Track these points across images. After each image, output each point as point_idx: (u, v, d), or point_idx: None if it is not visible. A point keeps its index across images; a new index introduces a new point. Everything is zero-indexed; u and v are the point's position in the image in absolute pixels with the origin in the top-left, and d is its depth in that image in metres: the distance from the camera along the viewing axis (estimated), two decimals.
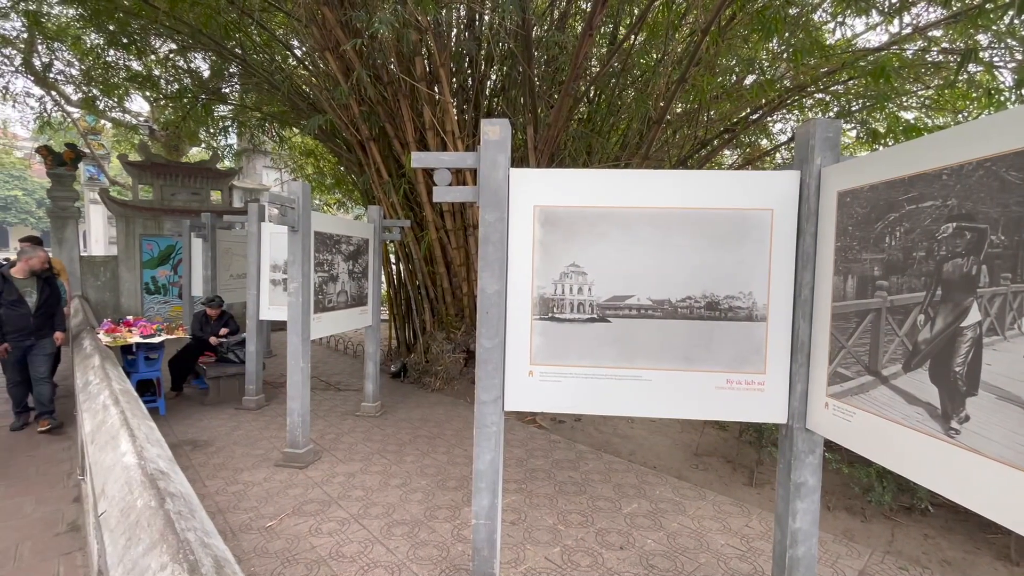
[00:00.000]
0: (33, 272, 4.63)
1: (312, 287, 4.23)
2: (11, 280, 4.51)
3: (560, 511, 3.41)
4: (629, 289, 2.06)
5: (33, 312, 4.57)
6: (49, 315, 4.72)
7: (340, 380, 7.00)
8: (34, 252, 4.69)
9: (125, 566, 1.29)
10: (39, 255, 4.70)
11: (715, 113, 6.98)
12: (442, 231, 6.83)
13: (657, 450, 4.70)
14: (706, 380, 2.05)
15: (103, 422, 2.37)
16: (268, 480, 3.77)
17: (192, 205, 9.34)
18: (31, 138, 23.36)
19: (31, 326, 4.54)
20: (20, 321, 4.48)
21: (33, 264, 4.62)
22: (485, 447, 2.13)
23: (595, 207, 2.05)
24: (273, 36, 7.66)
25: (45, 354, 4.69)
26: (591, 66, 7.08)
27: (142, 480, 1.62)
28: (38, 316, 4.60)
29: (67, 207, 8.61)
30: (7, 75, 9.70)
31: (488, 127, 2.06)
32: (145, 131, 13.23)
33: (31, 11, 6.92)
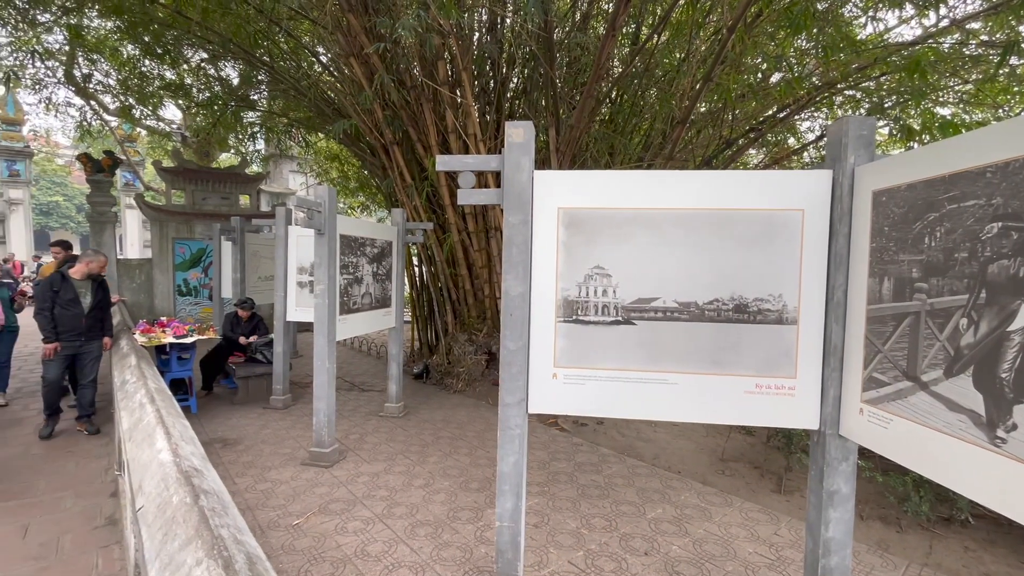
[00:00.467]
0: (90, 275, 4.67)
1: (338, 289, 4.30)
2: (70, 280, 4.55)
3: (583, 515, 3.39)
4: (655, 291, 2.04)
5: (86, 313, 4.60)
6: (99, 318, 4.76)
7: (364, 381, 7.09)
8: (95, 256, 4.77)
9: (162, 560, 1.33)
10: (99, 259, 4.76)
11: (740, 112, 6.85)
12: (464, 233, 6.87)
13: (681, 454, 4.63)
14: (734, 384, 2.01)
15: (140, 420, 2.45)
16: (295, 478, 3.84)
17: (222, 209, 9.60)
18: (71, 146, 24.38)
19: (83, 327, 4.57)
20: (73, 322, 4.51)
21: (92, 267, 4.67)
22: (509, 449, 2.13)
23: (620, 208, 2.04)
24: (299, 43, 7.84)
25: (93, 357, 4.73)
26: (613, 67, 7.04)
27: (177, 477, 1.67)
28: (90, 318, 4.63)
29: (105, 212, 8.95)
30: (50, 87, 10.15)
31: (512, 130, 2.07)
32: (178, 138, 13.67)
33: (73, 25, 7.22)
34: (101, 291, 4.77)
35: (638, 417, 2.13)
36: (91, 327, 4.67)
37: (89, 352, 4.69)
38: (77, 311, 4.54)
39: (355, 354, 9.03)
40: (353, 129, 6.94)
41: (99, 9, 7.16)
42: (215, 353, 5.99)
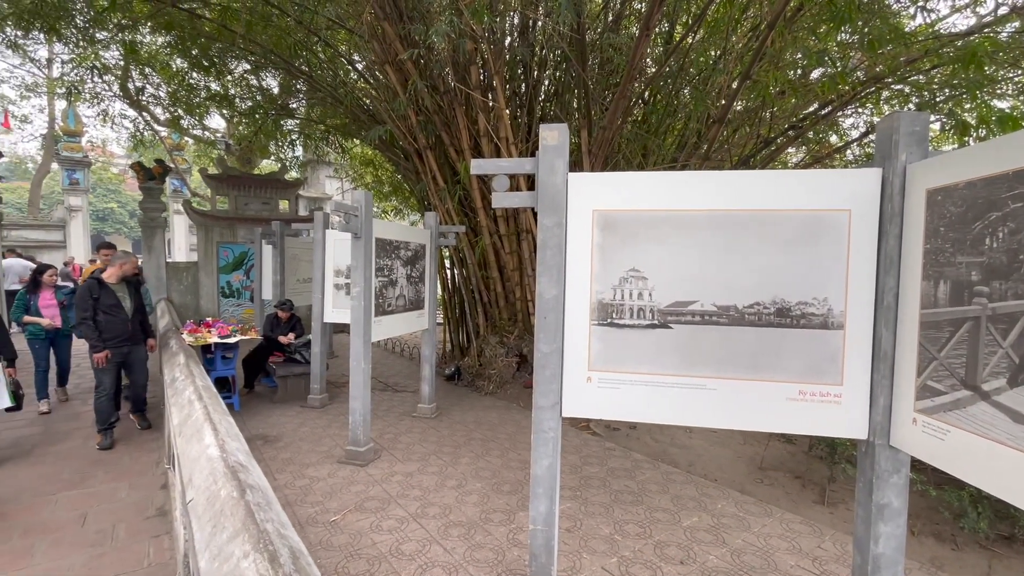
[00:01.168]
0: (124, 278, 4.60)
1: (373, 291, 4.39)
2: (107, 286, 4.46)
3: (616, 520, 3.34)
4: (692, 294, 2.00)
5: (129, 318, 4.56)
6: (141, 322, 4.74)
7: (397, 381, 7.21)
8: (126, 257, 4.68)
9: (212, 551, 1.39)
10: (131, 260, 4.66)
11: (778, 110, 6.65)
12: (495, 236, 6.90)
13: (718, 462, 4.51)
14: (776, 391, 1.95)
15: (188, 416, 2.56)
16: (332, 476, 3.94)
17: (263, 214, 9.95)
18: (125, 155, 25.79)
19: (128, 332, 4.53)
20: (119, 327, 4.44)
21: (126, 269, 4.58)
22: (543, 452, 2.12)
23: (656, 210, 2.01)
24: (337, 52, 8.06)
25: (142, 360, 4.73)
26: (646, 67, 6.95)
27: (224, 471, 1.74)
28: (134, 322, 4.60)
29: (155, 217, 9.42)
30: (107, 100, 10.77)
31: (546, 132, 2.07)
32: (222, 146, 14.27)
33: (128, 41, 7.65)
34: (139, 294, 4.76)
35: (674, 423, 2.09)
36: (136, 331, 4.65)
37: (137, 356, 4.70)
38: (121, 316, 4.47)
39: (388, 355, 9.20)
40: (388, 135, 7.08)
41: (152, 25, 7.57)
42: (256, 353, 6.21)
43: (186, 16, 6.91)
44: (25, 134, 21.73)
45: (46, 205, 21.72)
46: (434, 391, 5.68)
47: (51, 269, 5.53)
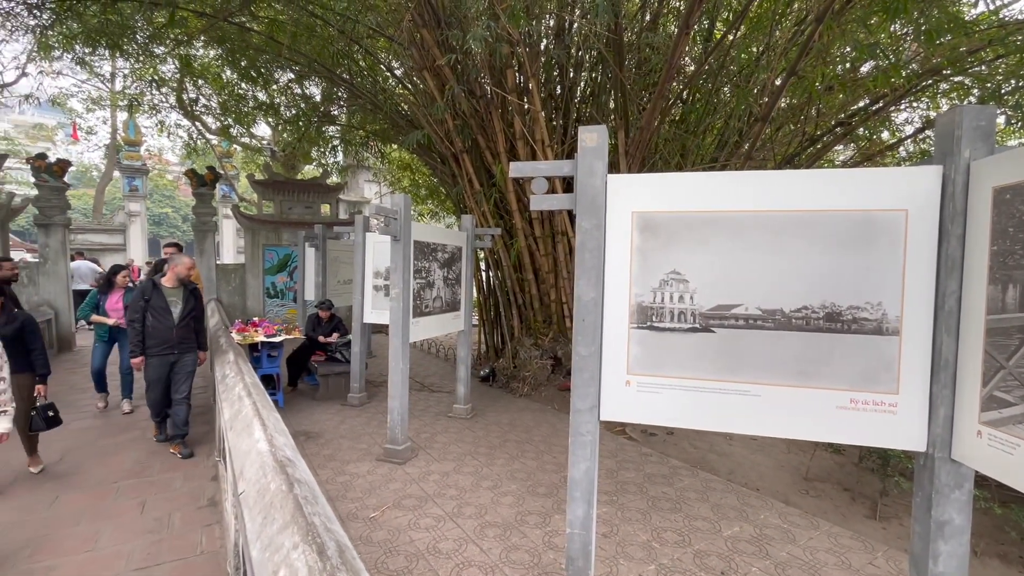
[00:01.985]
0: (180, 280, 4.42)
1: (411, 293, 4.48)
2: (160, 288, 4.29)
3: (654, 527, 3.29)
4: (736, 298, 1.95)
5: (176, 324, 4.28)
6: (193, 329, 4.47)
7: (433, 382, 7.32)
8: (179, 258, 4.50)
9: (263, 541, 1.45)
10: (184, 261, 4.47)
11: (825, 106, 6.39)
12: (530, 238, 6.92)
13: (760, 470, 4.37)
14: (825, 398, 1.87)
15: (239, 411, 2.68)
16: (371, 473, 4.03)
17: (306, 217, 10.31)
18: (179, 163, 27.25)
19: (174, 340, 4.26)
20: (164, 333, 4.22)
21: (179, 271, 4.40)
22: (580, 456, 2.11)
23: (698, 212, 1.97)
24: (376, 60, 8.28)
25: (187, 372, 4.39)
26: (685, 65, 6.82)
27: (273, 465, 1.81)
28: (180, 328, 4.31)
29: (207, 221, 9.91)
30: (163, 111, 11.42)
31: (585, 134, 2.06)
32: (268, 153, 14.87)
33: (183, 55, 8.09)
34: (193, 299, 4.48)
35: (716, 429, 2.04)
36: (183, 339, 4.34)
37: (182, 366, 4.37)
38: (167, 322, 4.24)
39: (425, 356, 9.34)
40: (425, 139, 7.22)
41: (205, 39, 7.98)
42: (300, 352, 6.43)
43: (236, 29, 7.25)
44: (90, 145, 23.32)
45: (108, 210, 23.20)
46: (469, 392, 5.73)
47: (124, 271, 5.55)
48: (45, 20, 6.71)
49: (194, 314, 4.47)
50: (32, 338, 3.66)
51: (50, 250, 8.69)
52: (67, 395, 5.92)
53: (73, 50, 8.08)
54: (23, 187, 20.43)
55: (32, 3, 6.27)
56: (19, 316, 3.64)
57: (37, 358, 3.70)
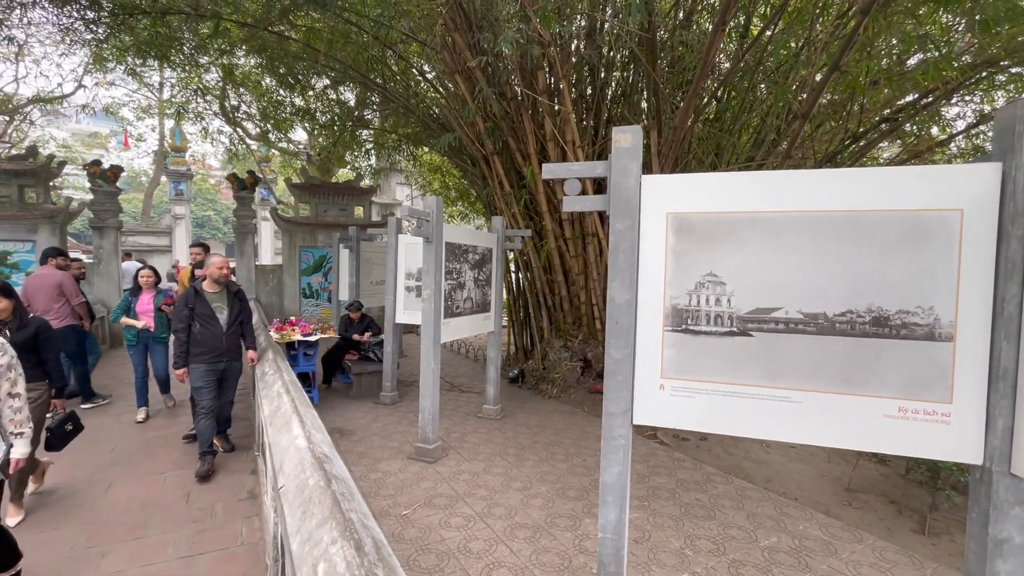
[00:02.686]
0: (217, 282, 4.12)
1: (443, 294, 4.53)
2: (203, 295, 4.05)
3: (687, 535, 3.22)
4: (775, 301, 1.89)
5: (224, 331, 4.06)
6: (241, 334, 4.26)
7: (462, 382, 7.37)
8: (209, 259, 4.22)
9: (302, 535, 1.49)
10: (213, 261, 4.14)
11: (869, 102, 6.14)
12: (560, 240, 6.89)
13: (798, 479, 4.23)
14: (871, 406, 1.79)
15: (278, 408, 2.77)
16: (402, 471, 4.09)
17: (340, 219, 10.56)
18: (220, 167, 28.35)
19: (223, 347, 4.04)
20: (213, 341, 3.99)
21: (212, 273, 4.09)
22: (613, 460, 2.09)
23: (736, 212, 1.92)
24: (409, 64, 8.42)
25: (236, 376, 4.31)
26: (720, 62, 6.68)
27: (312, 461, 1.86)
28: (230, 335, 4.10)
29: (247, 224, 10.27)
30: (207, 118, 11.91)
31: (619, 134, 2.04)
32: (304, 157, 15.31)
33: (226, 64, 8.42)
34: (239, 302, 4.25)
35: (754, 436, 1.98)
36: (233, 344, 4.15)
37: (232, 372, 4.23)
38: (215, 330, 4.01)
39: (454, 356, 9.42)
40: (456, 141, 7.29)
41: (246, 49, 8.28)
42: (334, 351, 6.59)
43: (275, 38, 7.50)
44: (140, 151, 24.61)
45: (156, 213, 24.35)
46: (499, 393, 5.75)
47: (144, 270, 5.32)
48: (100, 34, 7.10)
49: (242, 318, 4.25)
50: (47, 346, 3.30)
51: (104, 251, 9.17)
52: (118, 388, 6.24)
53: (125, 62, 8.53)
54: (79, 192, 21.67)
55: (89, 18, 6.64)
56: (33, 322, 3.30)
57: (52, 368, 3.32)
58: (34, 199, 8.21)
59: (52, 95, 15.45)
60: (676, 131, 5.51)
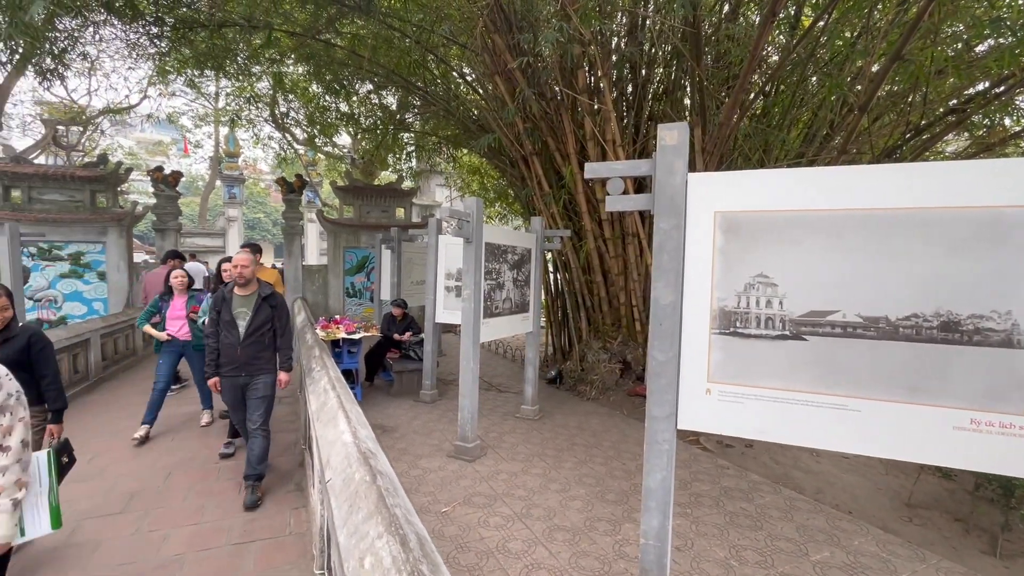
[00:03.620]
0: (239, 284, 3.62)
1: (482, 294, 4.56)
2: (229, 299, 3.63)
3: (732, 545, 3.11)
4: (832, 303, 1.80)
5: (240, 340, 3.55)
6: (264, 345, 3.65)
7: (500, 382, 7.40)
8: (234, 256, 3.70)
9: (349, 528, 1.53)
10: (239, 259, 3.60)
11: (933, 92, 5.76)
12: (600, 240, 6.82)
13: (852, 492, 4.02)
14: (940, 417, 1.68)
15: (324, 403, 2.86)
16: (442, 469, 4.15)
17: (382, 221, 10.82)
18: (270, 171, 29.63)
19: (238, 358, 3.56)
20: (228, 351, 3.59)
21: (233, 274, 3.62)
22: (656, 465, 2.04)
23: (789, 211, 1.84)
24: (449, 67, 8.54)
25: (259, 396, 3.62)
26: (768, 55, 6.43)
27: (358, 456, 1.91)
28: (246, 346, 3.56)
29: (295, 225, 10.68)
30: (258, 125, 12.48)
31: (665, 132, 2.00)
32: (348, 160, 15.78)
33: (276, 73, 8.79)
34: (269, 308, 3.66)
35: (807, 445, 1.89)
36: (252, 357, 3.59)
37: (253, 390, 3.63)
38: (230, 338, 3.58)
39: (492, 356, 9.48)
40: (495, 142, 7.33)
41: (294, 57, 8.63)
42: (377, 349, 6.76)
43: (322, 46, 7.77)
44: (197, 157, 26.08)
45: (211, 216, 25.70)
46: (537, 393, 5.74)
47: (177, 271, 4.97)
48: (163, 47, 7.55)
49: (269, 327, 3.66)
50: (42, 359, 2.70)
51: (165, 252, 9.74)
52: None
53: (185, 73, 9.04)
54: (143, 196, 23.18)
55: (153, 33, 7.07)
56: (23, 332, 2.69)
57: (50, 387, 2.74)
58: (104, 203, 8.81)
59: (120, 106, 16.56)
60: (721, 128, 5.34)
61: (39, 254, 8.30)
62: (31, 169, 8.31)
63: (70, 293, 8.53)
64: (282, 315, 3.75)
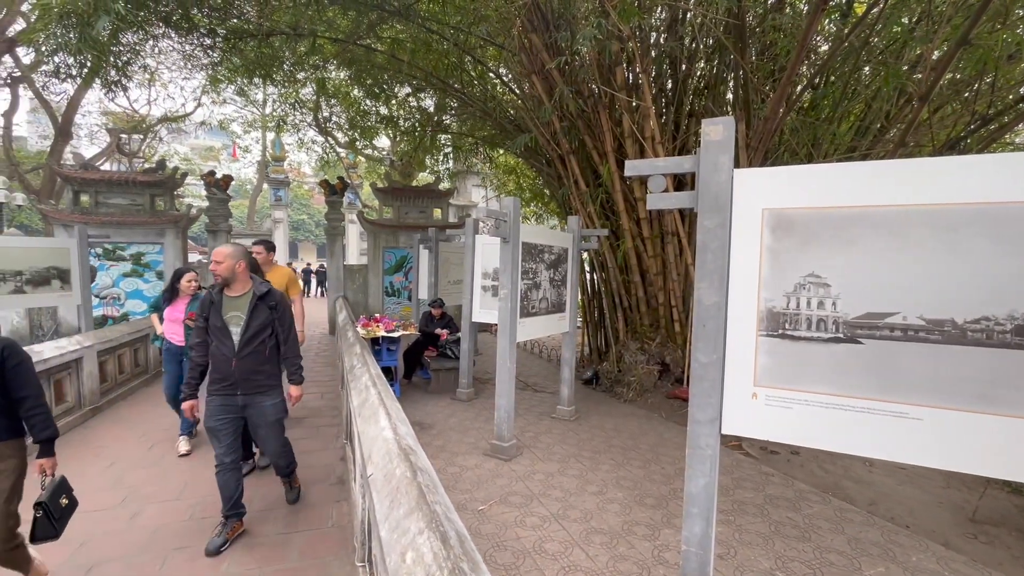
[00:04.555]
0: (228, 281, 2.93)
1: (519, 293, 4.56)
2: (218, 303, 2.94)
3: (778, 555, 2.99)
4: (891, 305, 1.70)
5: (235, 351, 2.86)
6: (266, 358, 2.97)
7: (536, 382, 7.39)
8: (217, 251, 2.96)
9: (391, 523, 1.56)
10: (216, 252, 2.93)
11: (1003, 79, 5.36)
12: (638, 239, 6.70)
13: (909, 505, 3.79)
14: (1012, 428, 1.55)
15: (366, 400, 2.93)
16: (479, 467, 4.17)
17: (420, 221, 10.99)
18: (313, 174, 30.64)
19: (233, 374, 2.88)
20: (220, 365, 2.91)
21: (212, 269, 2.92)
22: (699, 470, 1.99)
23: (844, 207, 1.75)
24: (486, 68, 8.59)
25: (266, 424, 3.01)
26: (817, 45, 6.16)
27: (398, 452, 1.94)
28: (243, 357, 2.88)
29: (336, 226, 11.00)
30: (303, 129, 12.93)
31: (709, 127, 1.94)
32: (387, 162, 16.13)
33: (319, 79, 9.09)
34: (266, 310, 2.96)
35: (862, 454, 1.79)
36: (251, 372, 2.91)
37: (259, 414, 2.99)
38: (223, 349, 2.88)
39: (528, 356, 9.47)
40: (532, 142, 7.33)
41: (336, 63, 8.89)
42: (415, 347, 6.88)
43: (363, 51, 7.97)
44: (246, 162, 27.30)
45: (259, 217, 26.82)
46: (573, 394, 5.69)
47: (189, 274, 4.40)
48: (215, 57, 7.93)
49: (270, 333, 2.98)
50: (18, 378, 2.15)
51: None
52: None
53: (235, 81, 9.47)
54: (197, 199, 24.41)
55: (207, 44, 7.44)
56: None
57: (31, 411, 2.18)
58: (162, 207, 9.33)
59: (176, 114, 17.51)
60: (767, 122, 5.15)
61: (104, 254, 8.86)
62: (98, 175, 8.89)
63: (131, 291, 9.07)
64: (285, 317, 3.05)
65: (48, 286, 5.91)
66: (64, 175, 8.75)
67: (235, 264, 2.94)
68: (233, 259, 2.94)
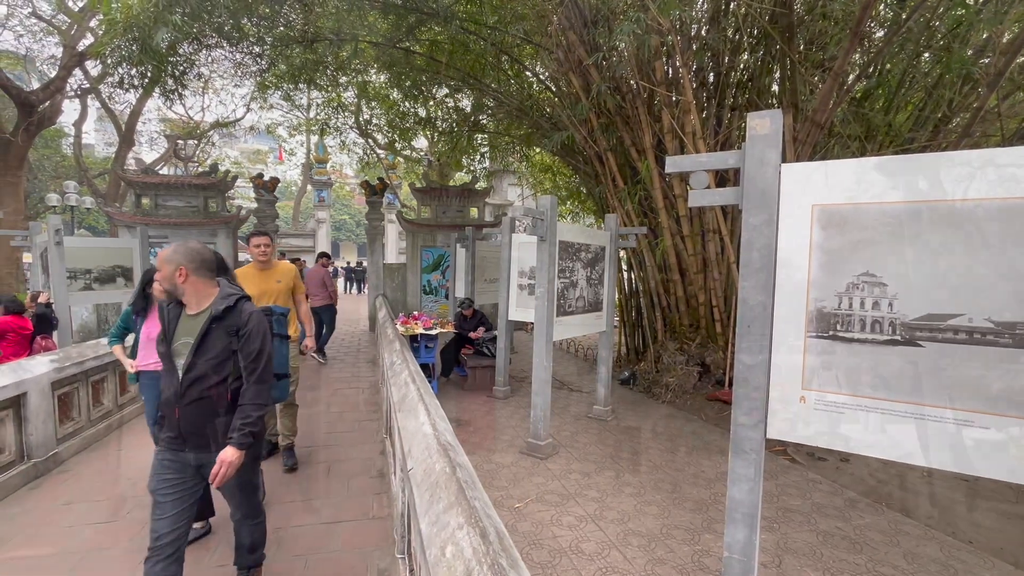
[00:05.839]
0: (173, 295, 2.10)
1: (555, 292, 4.55)
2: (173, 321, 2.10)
3: (826, 567, 2.87)
4: (953, 306, 1.60)
5: (179, 388, 2.01)
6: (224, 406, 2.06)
7: (572, 381, 7.35)
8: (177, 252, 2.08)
9: (430, 517, 1.59)
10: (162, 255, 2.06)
11: None
12: (677, 237, 6.55)
13: (973, 519, 3.55)
14: None
15: (405, 395, 3.00)
16: (515, 465, 4.19)
17: (457, 220, 11.11)
18: (354, 176, 31.50)
19: (176, 423, 2.03)
20: (165, 409, 2.09)
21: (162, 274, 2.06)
22: (743, 474, 1.93)
23: (903, 202, 1.66)
24: (522, 67, 8.60)
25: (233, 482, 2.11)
26: (871, 31, 5.84)
27: (437, 448, 1.98)
28: (186, 406, 2.02)
29: (377, 226, 11.26)
30: (344, 132, 13.30)
31: (755, 120, 1.87)
32: (425, 163, 16.39)
33: (360, 82, 9.33)
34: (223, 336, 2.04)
35: (921, 464, 1.70)
36: (197, 427, 2.05)
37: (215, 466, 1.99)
38: (170, 379, 2.05)
39: (564, 355, 9.43)
40: (568, 140, 7.28)
41: (377, 66, 9.11)
42: (451, 345, 6.97)
43: (402, 54, 8.12)
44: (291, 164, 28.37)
45: (303, 218, 27.81)
46: (609, 394, 5.63)
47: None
48: (263, 65, 8.27)
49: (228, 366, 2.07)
50: None
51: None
52: None
53: (281, 87, 9.84)
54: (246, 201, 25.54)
55: (256, 52, 7.77)
56: None
57: None
58: (215, 208, 9.80)
59: (227, 120, 18.36)
60: (816, 114, 4.93)
61: None
62: (157, 179, 9.44)
63: None
64: (252, 345, 2.07)
65: (113, 283, 6.33)
66: (127, 179, 9.33)
67: (174, 271, 2.03)
68: (171, 264, 2.03)
